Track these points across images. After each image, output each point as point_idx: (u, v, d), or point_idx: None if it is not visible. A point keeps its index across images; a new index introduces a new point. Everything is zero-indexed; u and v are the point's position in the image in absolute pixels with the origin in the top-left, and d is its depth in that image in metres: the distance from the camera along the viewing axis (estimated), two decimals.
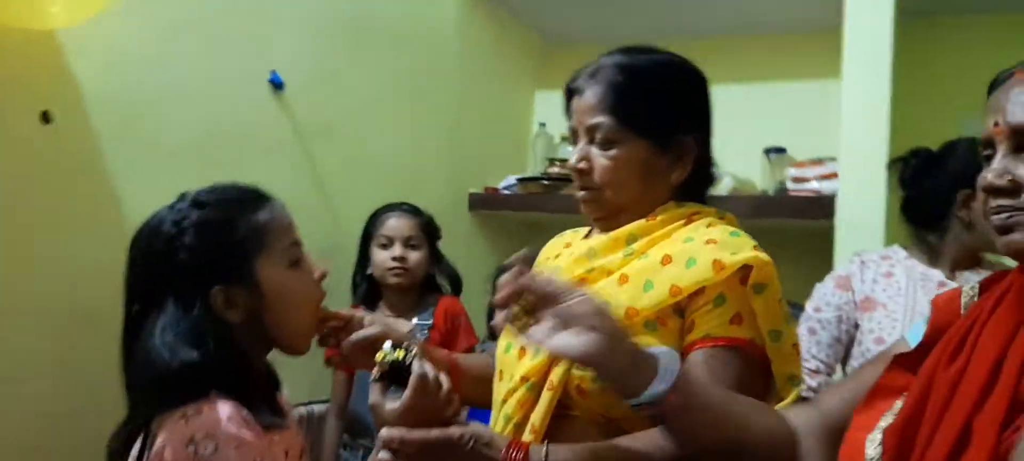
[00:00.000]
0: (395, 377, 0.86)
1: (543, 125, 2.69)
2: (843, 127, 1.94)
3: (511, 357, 1.06)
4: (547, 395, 0.99)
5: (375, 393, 0.86)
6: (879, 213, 1.84)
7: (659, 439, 0.87)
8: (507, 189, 2.49)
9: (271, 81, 1.81)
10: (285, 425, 0.93)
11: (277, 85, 1.82)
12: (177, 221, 0.90)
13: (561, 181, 2.34)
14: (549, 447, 0.87)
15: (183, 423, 0.80)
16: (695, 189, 1.06)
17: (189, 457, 0.78)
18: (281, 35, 1.84)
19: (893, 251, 1.54)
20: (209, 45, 1.68)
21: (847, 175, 1.93)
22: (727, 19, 2.40)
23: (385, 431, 0.83)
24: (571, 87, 1.06)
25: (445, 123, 2.35)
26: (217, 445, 0.79)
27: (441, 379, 0.85)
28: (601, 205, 1.04)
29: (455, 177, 2.42)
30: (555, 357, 0.98)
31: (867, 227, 1.84)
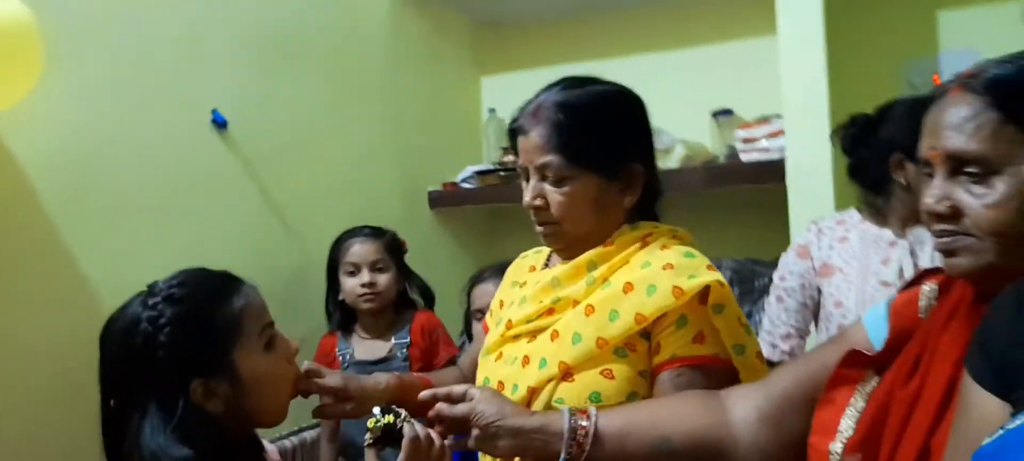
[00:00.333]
0: (387, 439, 0.90)
1: (493, 111, 2.71)
2: (783, 83, 2.00)
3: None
4: None
5: (370, 458, 0.90)
6: (825, 165, 1.91)
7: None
8: (466, 181, 2.51)
9: (214, 120, 1.79)
10: None
11: (221, 123, 1.80)
12: (153, 319, 0.91)
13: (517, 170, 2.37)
14: None
15: None
16: (645, 206, 1.12)
17: None
18: (217, 73, 1.82)
19: (849, 215, 1.61)
20: (145, 97, 1.66)
21: (792, 131, 1.99)
22: None
23: None
24: (514, 127, 1.11)
25: (393, 126, 2.36)
26: None
27: (432, 435, 0.90)
28: (561, 237, 1.09)
29: (412, 178, 2.43)
30: (535, 389, 1.05)
31: (816, 182, 1.91)
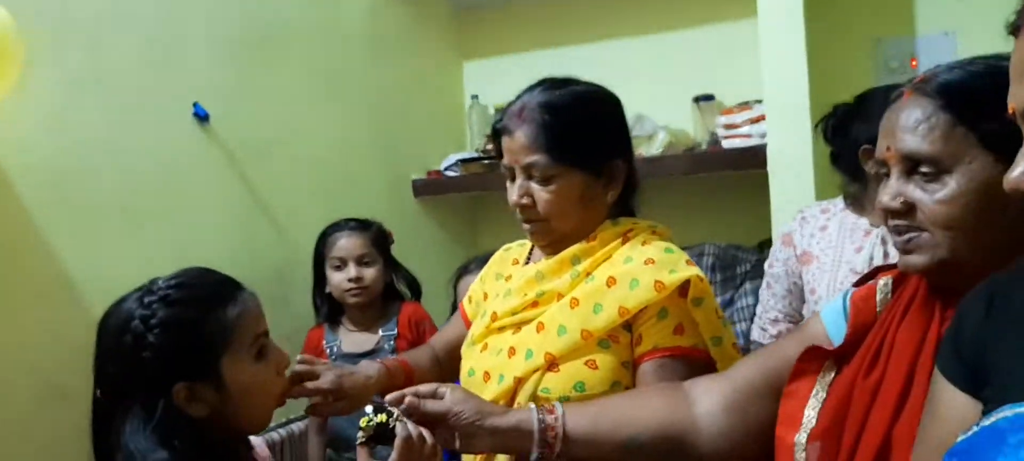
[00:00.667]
0: (380, 438, 0.93)
1: (475, 97, 2.71)
2: (764, 67, 2.02)
3: (475, 381, 1.16)
4: None
5: (362, 456, 0.93)
6: (806, 151, 1.95)
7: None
8: (450, 169, 2.52)
9: (195, 114, 1.80)
10: None
11: (202, 117, 1.80)
12: (146, 318, 0.92)
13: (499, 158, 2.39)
14: None
15: None
16: (625, 201, 1.18)
17: None
18: (197, 66, 1.82)
19: (834, 203, 1.66)
20: (126, 93, 1.66)
21: (773, 116, 2.03)
22: None
23: None
24: (498, 127, 1.14)
25: (376, 115, 2.37)
26: None
27: (424, 434, 0.93)
28: (547, 233, 1.14)
29: (395, 166, 2.45)
30: (521, 379, 1.09)
31: (797, 168, 1.95)
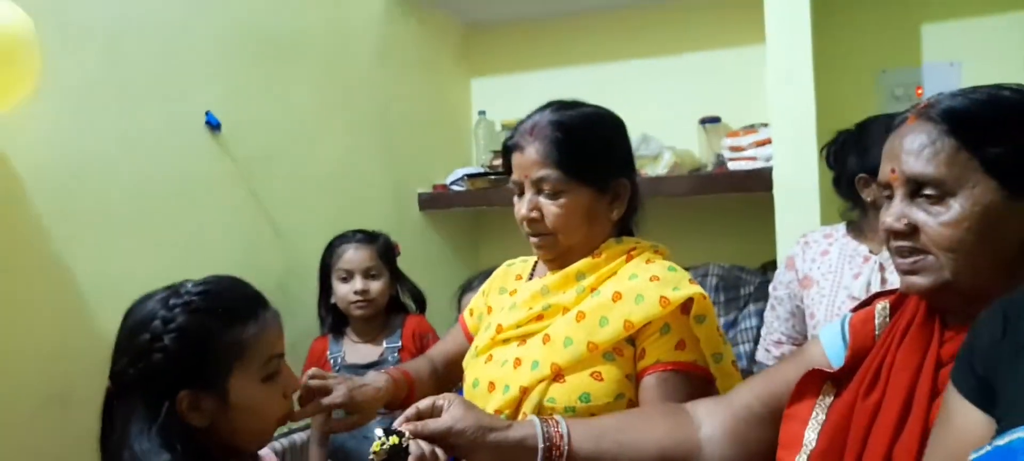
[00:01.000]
0: (392, 458, 0.93)
1: (483, 113, 2.75)
2: (770, 91, 2.05)
3: (480, 392, 1.18)
4: None
5: None
6: (812, 175, 1.97)
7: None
8: (455, 184, 2.55)
9: (207, 122, 1.82)
10: None
11: (214, 125, 1.83)
12: (166, 320, 0.93)
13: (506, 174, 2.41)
14: None
15: None
16: (626, 221, 1.23)
17: None
18: (209, 75, 1.85)
19: (837, 229, 1.69)
20: (138, 100, 1.69)
21: (779, 140, 2.05)
22: None
23: None
24: (509, 144, 1.19)
25: (383, 128, 2.40)
26: None
27: (438, 454, 0.94)
28: (553, 248, 1.18)
29: (401, 180, 2.48)
30: (526, 389, 1.11)
31: (802, 192, 1.97)
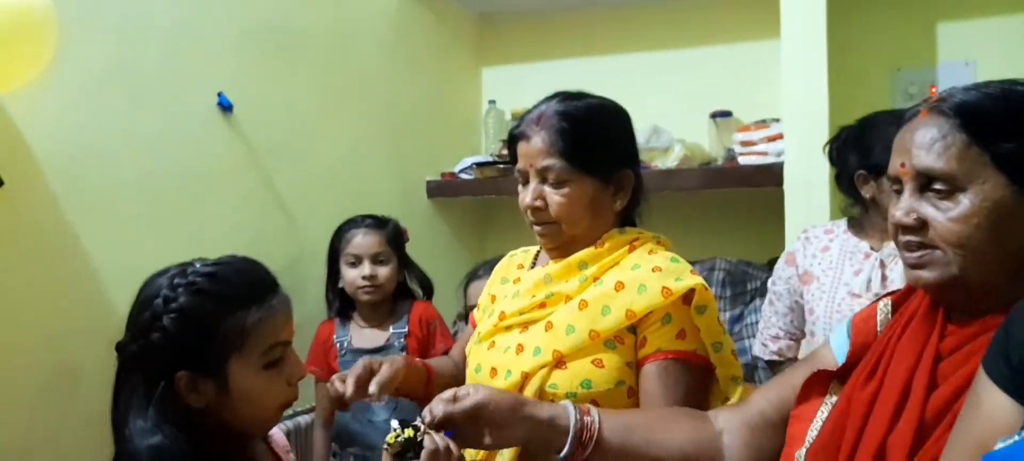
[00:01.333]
0: (407, 452, 0.94)
1: (493, 102, 2.76)
2: (783, 87, 2.06)
3: (482, 377, 1.21)
4: None
5: None
6: (823, 171, 1.97)
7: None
8: (464, 172, 2.56)
9: (220, 104, 1.84)
10: None
11: (226, 107, 1.85)
12: (168, 299, 0.94)
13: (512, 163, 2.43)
14: None
15: None
16: (629, 212, 1.25)
17: None
18: (221, 60, 1.87)
19: (838, 225, 1.70)
20: (151, 81, 1.71)
21: (791, 136, 2.06)
22: None
23: None
24: (516, 133, 1.21)
25: (393, 116, 2.42)
26: None
27: (451, 447, 0.95)
28: (557, 237, 1.20)
29: (411, 167, 2.51)
30: (528, 374, 1.14)
31: (813, 188, 1.98)
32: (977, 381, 0.74)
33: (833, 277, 1.61)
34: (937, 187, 0.82)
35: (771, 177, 2.06)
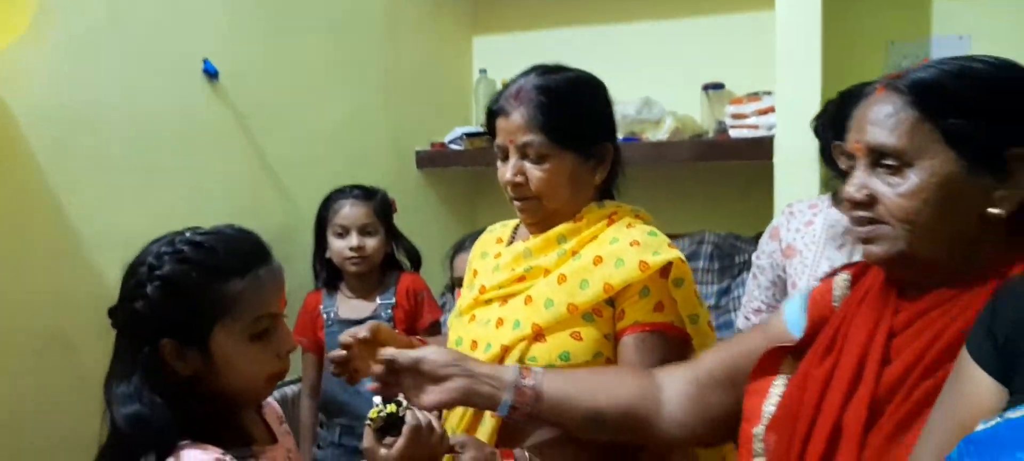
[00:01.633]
0: (389, 427, 0.97)
1: (484, 71, 2.75)
2: (777, 60, 2.06)
3: (463, 349, 1.23)
4: None
5: (369, 438, 0.97)
6: (813, 145, 1.98)
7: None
8: (454, 142, 2.56)
9: (205, 70, 1.84)
10: (265, 451, 1.01)
11: (212, 74, 1.85)
12: (152, 267, 0.95)
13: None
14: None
15: None
16: (607, 185, 1.27)
17: None
18: (208, 22, 1.86)
19: (822, 200, 1.71)
20: (135, 44, 1.70)
21: (783, 109, 2.06)
22: None
23: None
24: (494, 108, 1.22)
25: (384, 84, 2.42)
26: None
27: (433, 423, 0.97)
28: (537, 212, 1.21)
29: (400, 137, 2.51)
30: (508, 347, 1.17)
31: (803, 162, 1.98)
32: (960, 361, 0.75)
33: (816, 251, 1.63)
34: (887, 163, 0.83)
35: (761, 151, 2.08)
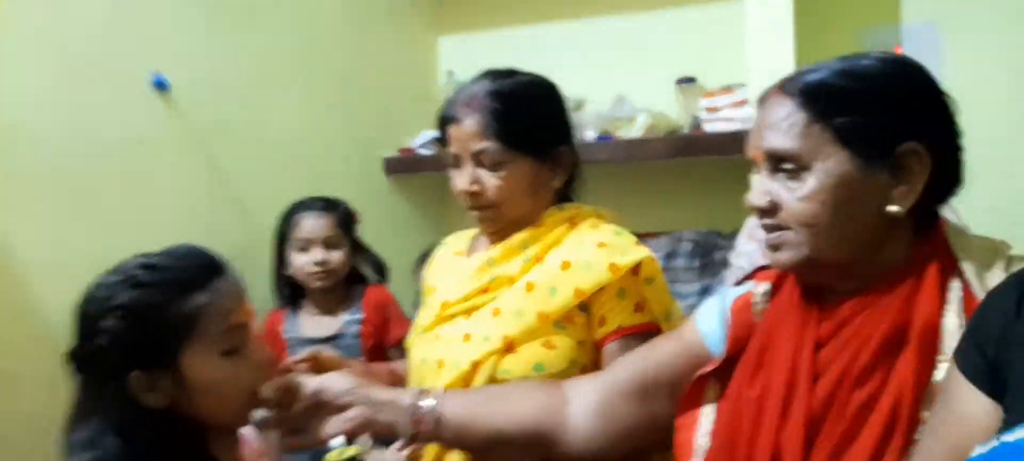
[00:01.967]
0: None
1: (451, 73, 2.70)
2: (749, 51, 2.04)
3: (429, 369, 1.19)
4: None
5: None
6: None
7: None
8: (423, 147, 2.52)
9: (156, 84, 1.77)
10: None
11: (162, 87, 1.78)
12: (106, 298, 0.90)
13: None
14: None
15: None
16: (568, 188, 1.25)
17: None
18: (159, 34, 1.81)
19: None
20: (80, 59, 1.65)
21: (757, 100, 2.04)
22: None
23: None
24: (446, 115, 1.20)
25: (347, 89, 2.36)
26: None
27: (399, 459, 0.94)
28: (496, 220, 1.19)
29: (366, 143, 2.45)
30: (478, 363, 1.13)
31: None
32: (949, 380, 0.73)
33: None
34: (785, 167, 0.83)
35: (737, 144, 2.03)
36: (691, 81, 2.33)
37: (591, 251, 1.14)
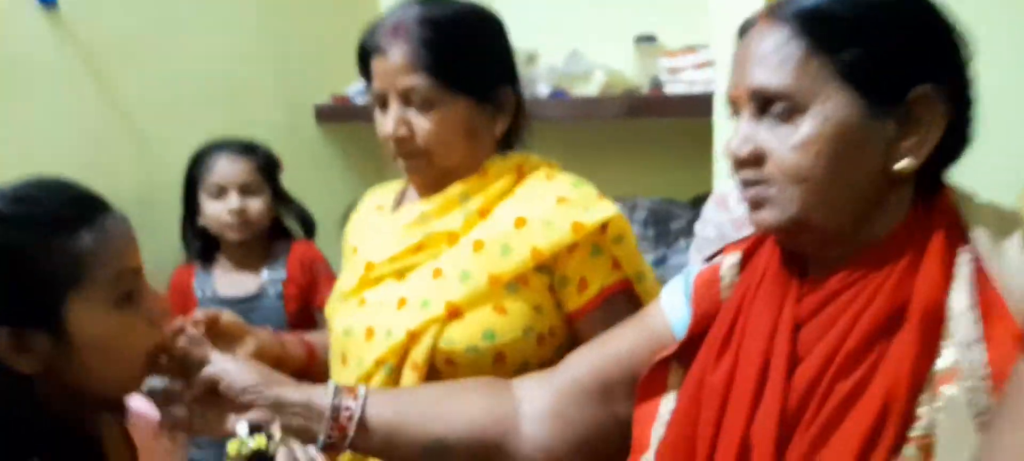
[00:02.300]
0: None
1: None
2: (712, 9, 1.95)
3: (355, 340, 1.06)
4: (412, 376, 1.00)
5: None
6: None
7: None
8: (358, 96, 2.36)
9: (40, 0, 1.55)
10: None
11: (48, 3, 1.56)
12: None
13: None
14: None
15: None
16: (512, 136, 1.12)
17: None
18: None
19: None
20: None
21: (722, 62, 1.95)
22: None
23: None
24: (368, 45, 1.04)
25: (274, 27, 2.18)
26: None
27: (315, 458, 0.80)
28: (428, 170, 1.05)
29: (296, 88, 2.28)
30: (416, 333, 0.99)
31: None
32: (1020, 375, 0.60)
33: None
34: (775, 110, 0.71)
35: (698, 108, 1.96)
36: (651, 40, 2.24)
37: (550, 206, 1.01)
